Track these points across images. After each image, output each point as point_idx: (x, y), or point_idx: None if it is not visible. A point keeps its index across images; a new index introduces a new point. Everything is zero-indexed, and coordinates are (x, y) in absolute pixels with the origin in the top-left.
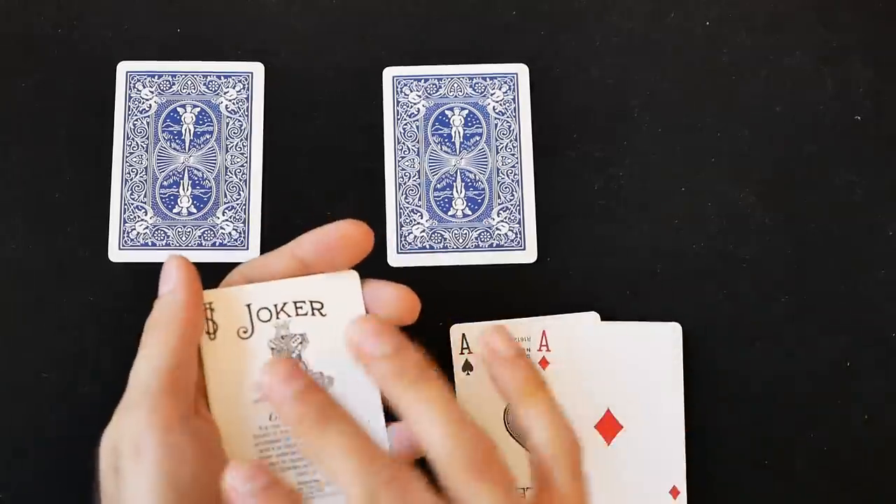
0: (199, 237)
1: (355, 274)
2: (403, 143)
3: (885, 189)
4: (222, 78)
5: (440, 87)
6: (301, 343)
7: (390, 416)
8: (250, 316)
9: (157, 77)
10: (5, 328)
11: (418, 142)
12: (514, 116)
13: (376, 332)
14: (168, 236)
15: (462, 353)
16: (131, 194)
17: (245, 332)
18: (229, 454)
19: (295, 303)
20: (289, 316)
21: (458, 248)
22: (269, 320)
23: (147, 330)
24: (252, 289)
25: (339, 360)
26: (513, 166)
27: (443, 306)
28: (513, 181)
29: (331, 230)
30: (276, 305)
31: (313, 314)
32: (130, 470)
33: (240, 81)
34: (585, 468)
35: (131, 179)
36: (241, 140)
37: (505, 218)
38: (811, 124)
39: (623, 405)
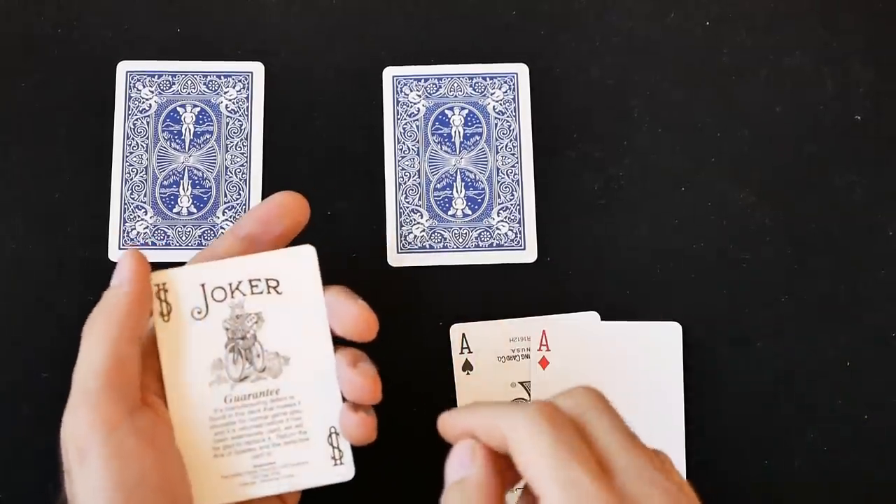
0: (199, 237)
1: (312, 249)
2: (403, 143)
3: (885, 189)
4: (222, 78)
5: (440, 86)
6: (256, 322)
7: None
8: (204, 296)
9: (157, 77)
10: (5, 328)
11: (418, 142)
12: (514, 116)
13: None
14: (168, 236)
15: (462, 353)
16: (131, 194)
17: (199, 312)
18: (183, 438)
19: (250, 281)
20: (244, 294)
21: (458, 247)
22: (223, 300)
23: (87, 324)
24: (205, 268)
25: (295, 339)
26: (513, 166)
27: (443, 306)
28: (513, 181)
29: (266, 202)
30: (230, 284)
31: (269, 292)
32: (77, 473)
33: (240, 81)
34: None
35: (131, 179)
36: (241, 140)
37: (505, 218)
38: (811, 124)
39: (623, 405)
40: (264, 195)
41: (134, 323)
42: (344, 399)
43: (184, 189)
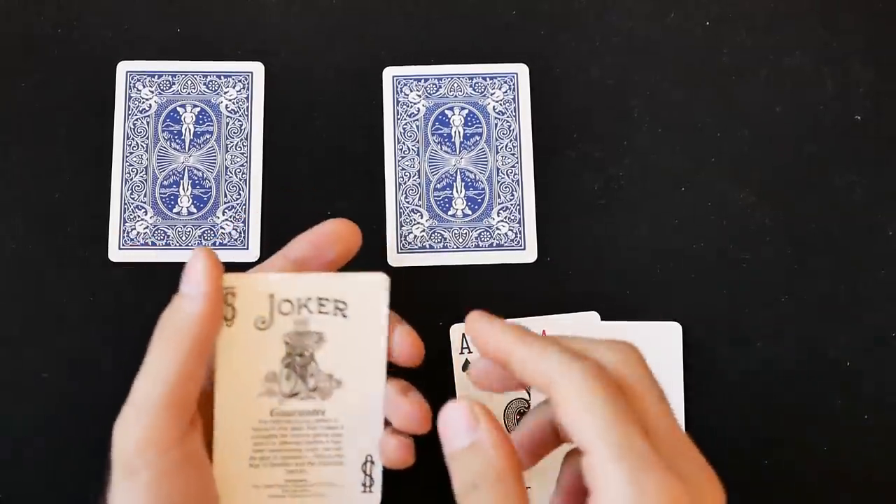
0: (199, 237)
1: (385, 278)
2: (403, 143)
3: (885, 189)
4: (222, 78)
5: (440, 87)
6: (317, 342)
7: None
8: (271, 307)
9: (157, 77)
10: (5, 328)
11: (418, 142)
12: (514, 116)
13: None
14: (168, 236)
15: (462, 353)
16: (131, 194)
17: (263, 322)
18: (222, 442)
19: (319, 299)
20: (310, 312)
21: (458, 247)
22: (289, 314)
23: (158, 333)
24: (277, 278)
25: (352, 364)
26: (513, 166)
27: (443, 306)
28: (513, 181)
29: (320, 227)
30: (298, 299)
31: (335, 314)
32: (122, 486)
33: (240, 81)
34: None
35: (131, 179)
36: (241, 140)
37: (505, 218)
38: (811, 124)
39: None
40: (264, 195)
41: (206, 338)
42: (387, 424)
43: (184, 189)
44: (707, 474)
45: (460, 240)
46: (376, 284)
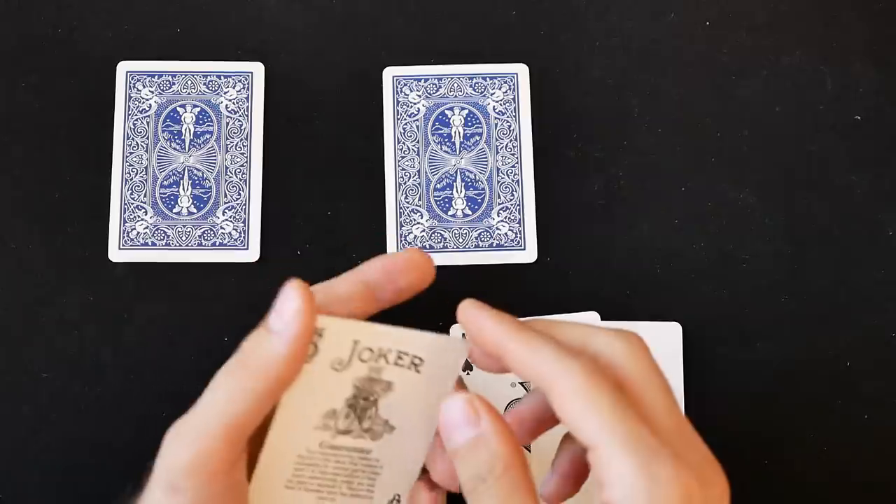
0: (199, 237)
1: (467, 343)
2: (403, 143)
3: (885, 189)
4: (222, 78)
5: (440, 87)
6: (385, 390)
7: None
8: (352, 352)
9: (157, 77)
10: (5, 328)
11: (418, 142)
12: (514, 116)
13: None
14: (168, 236)
15: None
16: (131, 194)
17: (339, 364)
18: (267, 463)
19: (399, 352)
20: (387, 362)
21: (458, 247)
22: (366, 361)
23: (237, 361)
24: (365, 327)
25: (409, 414)
26: (513, 166)
27: (443, 306)
28: (513, 181)
29: (396, 254)
30: (380, 349)
31: (409, 368)
32: (160, 501)
33: (240, 81)
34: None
35: (131, 179)
36: (241, 140)
37: (505, 218)
38: (811, 124)
39: None
40: (264, 195)
41: (285, 380)
42: (423, 471)
43: (184, 189)
44: (712, 464)
45: (460, 240)
46: (457, 348)
